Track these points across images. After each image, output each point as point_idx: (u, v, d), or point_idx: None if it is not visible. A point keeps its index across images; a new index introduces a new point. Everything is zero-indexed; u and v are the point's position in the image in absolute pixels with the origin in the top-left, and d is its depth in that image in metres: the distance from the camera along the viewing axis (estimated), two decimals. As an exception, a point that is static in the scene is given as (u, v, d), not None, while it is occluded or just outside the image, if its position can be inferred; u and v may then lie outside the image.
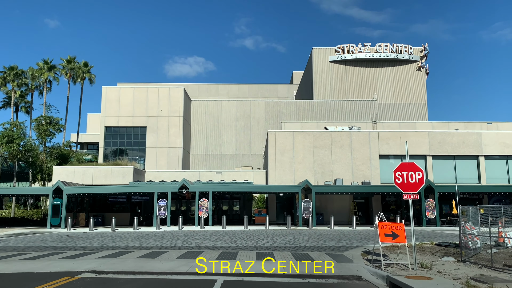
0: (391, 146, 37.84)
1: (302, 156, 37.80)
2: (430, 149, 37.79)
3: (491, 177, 37.52)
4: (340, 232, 26.29)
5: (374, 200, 37.49)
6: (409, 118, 54.99)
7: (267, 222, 30.39)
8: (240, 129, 53.08)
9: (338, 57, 56.19)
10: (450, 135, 38.00)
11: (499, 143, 37.58)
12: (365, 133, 38.33)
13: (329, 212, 37.13)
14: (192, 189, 32.13)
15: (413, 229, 12.57)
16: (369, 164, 37.66)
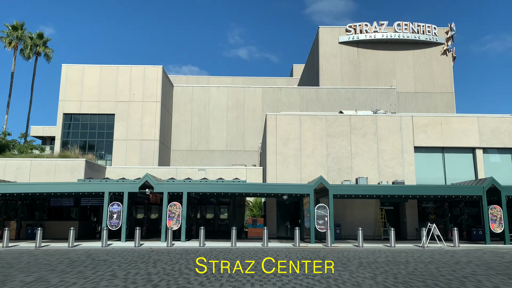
0: (429, 136, 28.57)
1: (312, 147, 28.42)
2: (481, 140, 28.56)
3: (562, 177, 28.33)
4: (405, 259, 16.74)
5: (408, 207, 28.09)
6: (434, 110, 45.90)
7: (266, 236, 20.84)
8: (232, 121, 43.68)
9: (349, 38, 47.19)
10: (506, 121, 28.81)
11: None
12: (395, 118, 29.05)
13: (348, 223, 27.68)
14: (159, 188, 22.61)
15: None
16: (400, 158, 28.32)
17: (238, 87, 45.04)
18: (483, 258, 15.48)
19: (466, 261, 14.32)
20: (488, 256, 16.01)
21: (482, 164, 28.45)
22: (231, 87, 45.03)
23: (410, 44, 47.65)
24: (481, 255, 16.69)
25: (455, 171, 28.55)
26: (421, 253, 17.57)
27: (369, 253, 17.40)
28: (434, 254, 17.01)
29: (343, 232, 27.47)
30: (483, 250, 19.29)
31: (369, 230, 27.85)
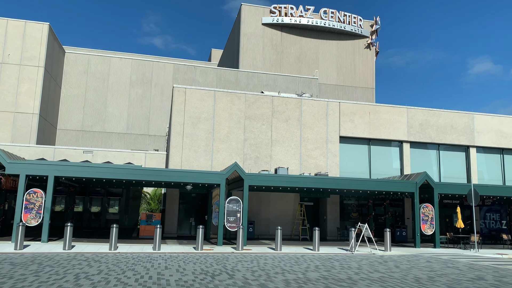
0: (356, 125, 25.60)
1: (227, 130, 23.84)
2: (409, 133, 26.30)
3: (482, 175, 27.17)
4: (343, 272, 12.59)
5: (330, 204, 24.84)
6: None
7: (158, 236, 15.72)
8: (136, 99, 37.46)
9: (273, 20, 43.49)
10: (435, 115, 26.92)
11: (494, 131, 27.44)
12: (322, 103, 25.62)
13: (263, 220, 23.64)
14: (13, 169, 16.33)
15: None
16: (325, 149, 24.95)
17: (145, 60, 38.87)
18: (442, 270, 12.10)
19: (426, 276, 10.72)
20: (441, 267, 12.70)
21: (408, 159, 26.20)
22: (137, 59, 38.71)
23: (335, 34, 45.37)
24: (429, 264, 13.41)
25: (380, 165, 25.95)
26: (356, 260, 13.86)
27: (292, 261, 13.22)
28: (373, 263, 13.36)
29: (257, 230, 23.34)
30: (422, 256, 16.27)
31: (287, 228, 24.07)
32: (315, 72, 43.67)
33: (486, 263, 14.04)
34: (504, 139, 27.42)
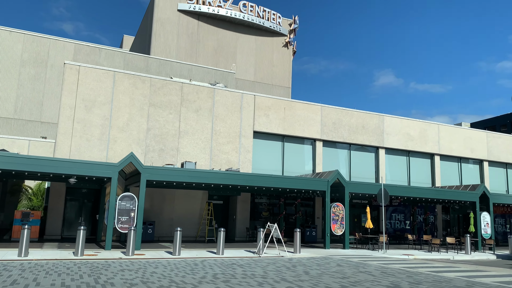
0: (271, 120, 24.33)
1: (128, 117, 21.06)
2: (322, 132, 25.71)
3: (389, 176, 27.56)
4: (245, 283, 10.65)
5: (240, 202, 23.26)
6: (271, 103, 43.32)
7: (25, 239, 12.68)
8: (28, 80, 32.59)
9: (190, 7, 41.04)
10: (348, 114, 26.67)
11: (402, 134, 28.00)
12: (236, 95, 23.93)
13: (166, 220, 21.32)
14: None
15: None
16: (237, 143, 23.30)
17: (41, 37, 34.10)
18: (355, 277, 10.88)
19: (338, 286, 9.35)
20: (353, 272, 11.55)
21: (321, 158, 25.57)
22: (30, 35, 33.80)
23: (254, 29, 44.23)
24: (340, 268, 12.23)
25: (293, 162, 24.98)
26: (262, 265, 12.25)
27: (188, 268, 11.20)
28: (280, 268, 11.83)
29: (158, 231, 20.91)
30: (332, 258, 15.22)
31: (193, 229, 21.97)
32: (232, 66, 42.08)
33: (397, 266, 13.29)
34: (410, 141, 28.11)
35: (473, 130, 30.88)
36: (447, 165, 29.62)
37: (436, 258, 18.81)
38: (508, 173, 31.73)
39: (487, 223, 23.09)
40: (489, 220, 23.18)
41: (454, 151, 29.44)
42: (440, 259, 18.61)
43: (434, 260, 17.71)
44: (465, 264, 16.35)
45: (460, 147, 29.69)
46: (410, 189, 22.40)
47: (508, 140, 31.77)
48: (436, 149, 28.82)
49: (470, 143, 30.06)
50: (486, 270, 13.10)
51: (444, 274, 11.58)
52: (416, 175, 28.48)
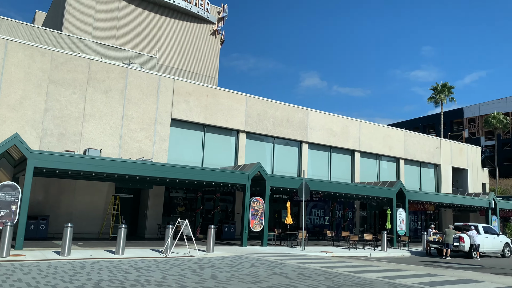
0: (192, 108, 22.52)
1: (22, 94, 18.02)
2: (246, 123, 24.45)
3: (311, 171, 27.12)
4: None
5: (153, 196, 21.24)
6: (196, 93, 41.32)
7: None
8: None
9: (111, -17, 37.58)
10: (274, 106, 25.69)
11: (325, 129, 27.68)
12: (153, 77, 21.78)
13: (63, 215, 18.71)
14: None
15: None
16: (152, 131, 21.19)
17: None
18: (268, 280, 9.58)
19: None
20: (268, 274, 10.28)
21: (244, 150, 24.31)
22: None
23: (180, 14, 41.80)
24: (253, 270, 10.92)
25: (215, 154, 23.43)
26: (165, 268, 10.54)
27: (67, 275, 9.16)
28: (185, 272, 10.22)
29: (53, 228, 18.21)
30: (248, 257, 13.92)
31: (97, 225, 19.52)
32: (155, 51, 39.35)
33: (315, 266, 12.33)
34: (333, 137, 27.91)
35: (392, 128, 31.62)
36: (367, 162, 29.97)
37: (354, 256, 18.40)
38: (421, 171, 33.01)
39: (402, 220, 23.42)
40: (404, 216, 23.54)
41: (373, 148, 29.85)
42: (358, 257, 18.23)
43: (352, 258, 17.22)
44: (383, 262, 15.99)
45: (379, 145, 30.18)
46: (331, 184, 21.94)
47: (423, 140, 33.05)
48: (356, 145, 28.96)
49: (389, 141, 30.71)
50: (404, 269, 12.62)
51: (364, 275, 10.77)
52: (337, 171, 28.39)
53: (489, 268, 15.16)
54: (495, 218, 29.30)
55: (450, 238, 19.58)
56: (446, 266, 15.28)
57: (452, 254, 20.21)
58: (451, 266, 15.21)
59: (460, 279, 10.82)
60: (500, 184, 48.43)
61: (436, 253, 20.80)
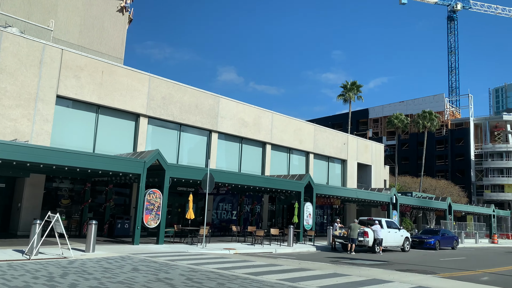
0: (83, 85, 19.51)
1: None
2: (149, 106, 22.01)
3: (221, 163, 25.54)
4: None
5: (29, 187, 17.99)
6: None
7: None
8: None
9: None
10: (181, 90, 23.53)
11: (237, 119, 26.21)
12: (36, 45, 18.38)
13: None
14: None
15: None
16: (32, 109, 17.86)
17: None
18: None
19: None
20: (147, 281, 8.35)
21: (145, 137, 21.88)
22: None
23: (83, -15, 37.44)
24: (132, 276, 8.89)
25: (109, 140, 20.68)
26: (11, 276, 8.08)
27: None
28: (38, 281, 7.88)
29: None
30: (133, 258, 11.79)
31: (-52, 220, 15.83)
32: (50, 23, 34.71)
33: (211, 268, 10.66)
34: (244, 128, 26.56)
35: (303, 122, 31.22)
36: (278, 155, 29.17)
37: (259, 252, 17.15)
38: (329, 166, 33.19)
39: (309, 214, 22.83)
40: (311, 210, 22.97)
41: (285, 141, 29.13)
42: (263, 253, 17.01)
43: (256, 255, 15.91)
44: (287, 259, 14.87)
45: (290, 138, 29.56)
46: (239, 176, 20.51)
47: (332, 135, 33.23)
48: (268, 137, 27.97)
49: (300, 135, 30.23)
50: (309, 268, 11.49)
51: (265, 278, 9.34)
52: (248, 163, 27.13)
53: (393, 264, 14.81)
54: (395, 213, 30.35)
55: (355, 232, 19.27)
56: (351, 262, 14.62)
57: (356, 249, 19.98)
58: (356, 263, 14.57)
59: (368, 279, 9.92)
60: (399, 181, 51.40)
61: (341, 248, 20.44)
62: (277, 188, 22.41)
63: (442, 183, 55.56)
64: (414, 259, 17.85)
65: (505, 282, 11.43)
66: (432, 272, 12.71)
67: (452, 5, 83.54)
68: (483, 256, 22.12)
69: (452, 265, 15.35)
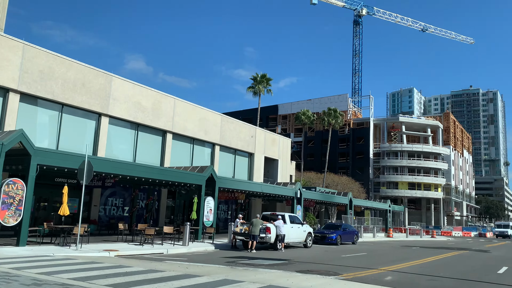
0: None
1: None
2: (22, 80, 18.30)
3: (113, 151, 22.53)
4: None
5: None
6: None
7: None
8: None
9: None
10: (65, 65, 20.03)
11: (133, 102, 23.35)
12: None
13: None
14: None
15: None
16: None
17: None
18: None
19: None
20: None
21: (14, 117, 18.15)
22: None
23: None
24: None
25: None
26: None
27: None
28: None
29: None
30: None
31: None
32: None
33: (64, 279, 8.20)
34: (142, 113, 23.79)
35: (210, 111, 29.20)
36: (180, 146, 26.84)
37: (147, 254, 14.84)
38: (236, 159, 31.70)
39: (210, 209, 20.95)
40: (212, 205, 21.12)
41: (188, 131, 26.90)
42: (151, 255, 14.74)
43: (141, 258, 13.60)
44: (176, 262, 12.80)
45: (195, 128, 27.41)
46: (129, 166, 17.83)
47: (240, 127, 31.76)
48: (169, 126, 25.52)
49: (205, 125, 28.22)
50: (196, 274, 9.55)
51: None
52: (145, 153, 24.41)
53: (294, 264, 13.53)
54: (300, 207, 29.85)
55: (257, 229, 17.84)
56: (249, 263, 13.03)
57: (257, 246, 18.60)
58: (254, 263, 13.02)
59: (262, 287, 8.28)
60: (304, 177, 52.06)
61: (242, 245, 18.89)
62: (176, 181, 20.17)
63: (343, 179, 57.65)
64: (316, 256, 16.92)
65: (410, 283, 10.65)
66: (335, 272, 11.60)
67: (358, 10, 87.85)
68: (382, 251, 22.22)
69: (354, 263, 14.57)
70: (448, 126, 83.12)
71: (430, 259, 17.80)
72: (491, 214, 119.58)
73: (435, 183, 74.95)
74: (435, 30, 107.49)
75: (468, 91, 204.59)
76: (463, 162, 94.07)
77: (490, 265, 16.41)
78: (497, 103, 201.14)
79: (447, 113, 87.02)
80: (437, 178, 75.08)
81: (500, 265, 16.40)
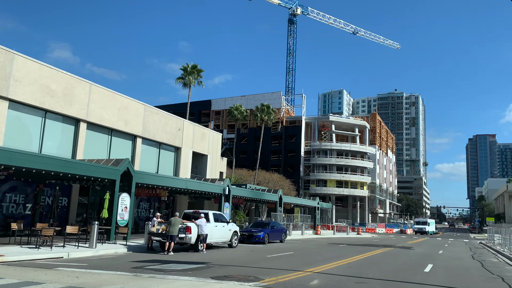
0: None
1: None
2: None
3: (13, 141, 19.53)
4: None
5: None
6: None
7: None
8: None
9: None
10: None
11: (39, 85, 20.46)
12: None
13: None
14: None
15: None
16: None
17: None
18: None
19: None
20: None
21: None
22: None
23: None
24: None
25: None
26: None
27: None
28: None
29: None
30: None
31: None
32: None
33: None
34: (50, 98, 20.97)
35: (131, 100, 26.78)
36: (96, 137, 24.25)
37: (40, 259, 12.59)
38: (160, 153, 29.57)
39: (125, 207, 18.87)
40: (128, 203, 19.05)
41: (106, 120, 24.38)
42: (47, 259, 12.53)
43: (30, 264, 11.37)
44: (68, 269, 10.79)
45: (113, 117, 24.94)
46: (24, 156, 15.24)
47: (165, 119, 29.67)
48: (84, 114, 22.87)
49: (125, 115, 25.82)
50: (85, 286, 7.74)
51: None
52: (53, 144, 21.63)
53: (212, 267, 12.09)
54: (228, 205, 28.52)
55: (176, 228, 16.17)
56: (159, 269, 11.37)
57: (176, 248, 16.92)
58: (166, 269, 11.38)
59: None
60: (235, 174, 50.94)
61: (159, 247, 17.08)
62: (85, 176, 17.83)
63: (275, 176, 57.37)
64: (239, 257, 15.63)
65: (338, 286, 9.66)
66: (256, 277, 10.33)
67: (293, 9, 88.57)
68: (309, 249, 21.54)
69: (279, 265, 13.47)
70: (374, 127, 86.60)
71: (357, 258, 17.30)
72: (411, 212, 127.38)
73: (361, 181, 77.58)
74: (365, 34, 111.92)
75: (393, 94, 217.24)
76: (387, 162, 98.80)
77: (416, 263, 16.21)
78: (418, 107, 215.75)
79: (373, 114, 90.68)
80: (363, 176, 77.75)
81: (425, 263, 16.26)
